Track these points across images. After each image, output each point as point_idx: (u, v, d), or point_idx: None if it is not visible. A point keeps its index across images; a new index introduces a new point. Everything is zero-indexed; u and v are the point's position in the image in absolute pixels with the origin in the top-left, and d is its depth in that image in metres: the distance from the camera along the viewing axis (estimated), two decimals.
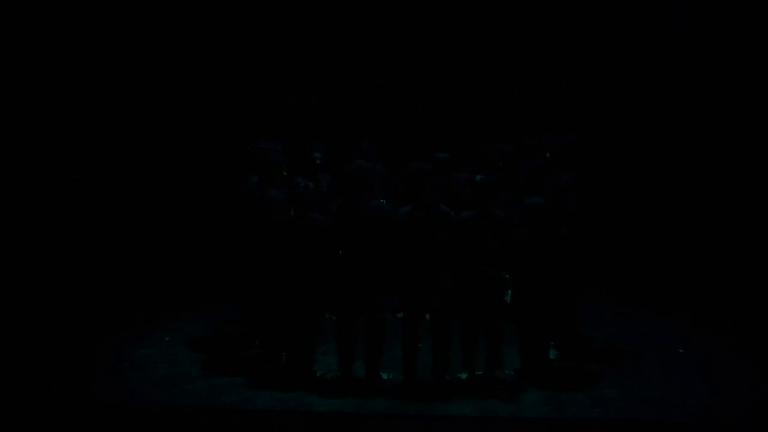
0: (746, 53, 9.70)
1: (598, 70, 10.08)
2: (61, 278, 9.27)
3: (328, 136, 9.55)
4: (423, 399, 6.46)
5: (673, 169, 10.03)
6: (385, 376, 6.82)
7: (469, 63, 10.24)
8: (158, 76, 10.24)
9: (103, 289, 9.21)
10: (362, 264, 6.63)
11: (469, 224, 6.61)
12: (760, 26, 9.56)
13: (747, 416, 6.17)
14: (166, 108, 10.32)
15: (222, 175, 9.98)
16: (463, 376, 6.81)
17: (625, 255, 9.67)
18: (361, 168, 6.72)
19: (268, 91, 10.36)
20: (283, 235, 6.80)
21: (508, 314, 7.25)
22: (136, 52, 10.15)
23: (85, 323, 8.29)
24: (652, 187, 10.10)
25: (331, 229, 6.72)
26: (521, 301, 6.83)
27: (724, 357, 7.35)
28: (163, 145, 10.32)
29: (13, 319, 8.27)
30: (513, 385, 6.68)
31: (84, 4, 9.87)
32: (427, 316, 6.67)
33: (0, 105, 9.71)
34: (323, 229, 6.74)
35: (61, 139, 9.98)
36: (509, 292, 6.74)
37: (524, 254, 6.76)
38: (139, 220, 10.17)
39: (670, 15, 9.82)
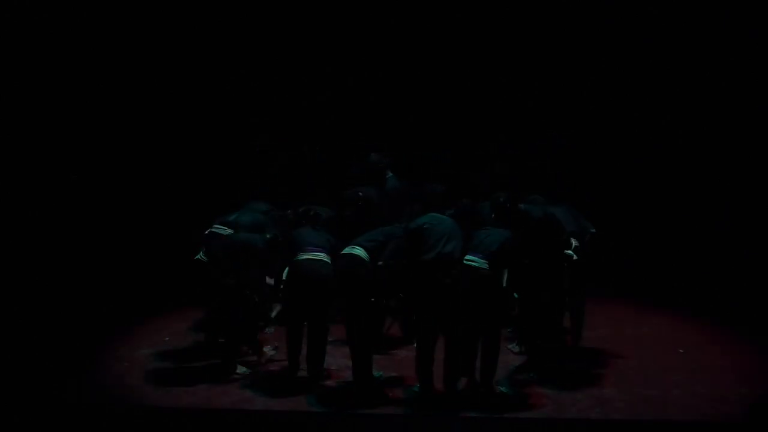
0: (746, 53, 9.71)
1: (597, 71, 10.09)
2: (60, 278, 9.26)
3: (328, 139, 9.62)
4: (436, 408, 6.33)
5: (680, 170, 10.04)
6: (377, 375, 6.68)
7: (465, 65, 10.25)
8: (159, 77, 10.24)
9: (103, 289, 9.21)
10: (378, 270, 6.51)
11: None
12: (759, 26, 9.57)
13: (747, 416, 6.17)
14: (165, 109, 10.32)
15: (222, 175, 10.00)
16: (504, 389, 6.60)
17: (625, 255, 9.66)
18: (368, 195, 6.84)
19: (267, 91, 10.36)
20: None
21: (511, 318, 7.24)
22: (135, 53, 10.15)
23: (85, 323, 8.30)
24: (654, 187, 10.10)
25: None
26: (524, 304, 6.82)
27: (723, 357, 7.35)
28: (163, 145, 10.32)
29: (12, 319, 8.27)
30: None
31: (84, 4, 9.86)
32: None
33: None
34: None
35: (60, 139, 9.97)
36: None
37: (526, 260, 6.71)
38: (139, 219, 10.16)
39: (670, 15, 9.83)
